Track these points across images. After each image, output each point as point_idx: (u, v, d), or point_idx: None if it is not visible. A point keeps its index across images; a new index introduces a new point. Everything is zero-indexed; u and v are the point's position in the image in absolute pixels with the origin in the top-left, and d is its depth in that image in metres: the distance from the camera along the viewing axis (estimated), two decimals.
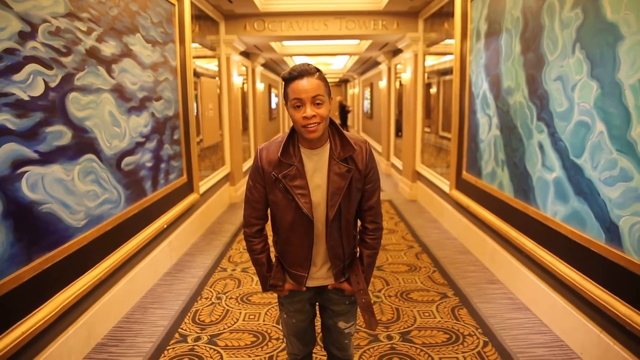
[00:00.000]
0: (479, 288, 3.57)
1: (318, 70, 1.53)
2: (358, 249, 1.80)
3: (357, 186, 1.64)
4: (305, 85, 1.48)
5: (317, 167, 1.60)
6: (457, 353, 2.65)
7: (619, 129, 2.23)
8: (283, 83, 1.56)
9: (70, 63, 2.58)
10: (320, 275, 1.74)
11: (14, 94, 2.13)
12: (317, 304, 1.87)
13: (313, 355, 2.06)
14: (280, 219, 1.67)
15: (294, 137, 1.61)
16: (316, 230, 1.64)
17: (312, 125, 1.50)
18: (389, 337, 2.84)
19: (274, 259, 1.81)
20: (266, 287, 1.78)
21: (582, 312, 2.64)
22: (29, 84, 2.24)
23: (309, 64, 1.53)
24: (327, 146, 1.61)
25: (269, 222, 1.77)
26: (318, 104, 1.49)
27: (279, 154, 1.58)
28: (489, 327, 2.96)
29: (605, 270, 2.41)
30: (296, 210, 1.60)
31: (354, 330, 1.87)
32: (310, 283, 1.74)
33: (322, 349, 2.55)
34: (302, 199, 1.57)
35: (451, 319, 3.07)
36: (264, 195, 1.67)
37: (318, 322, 1.97)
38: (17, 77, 2.16)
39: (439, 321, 3.04)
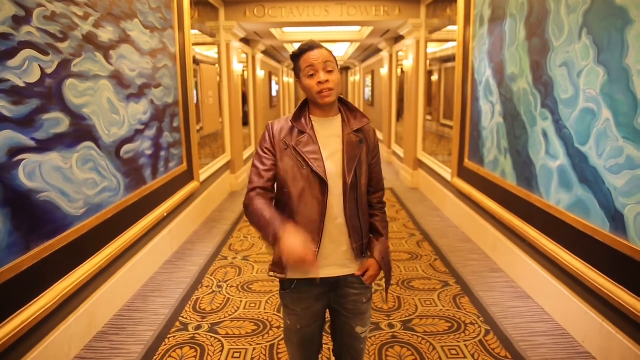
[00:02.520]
0: (481, 276, 3.56)
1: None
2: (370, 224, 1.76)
3: (368, 159, 1.67)
4: (317, 54, 1.56)
5: (330, 134, 1.62)
6: (458, 341, 2.65)
7: (626, 116, 2.19)
8: (293, 63, 1.62)
9: (66, 49, 2.53)
10: (333, 261, 1.61)
11: (9, 80, 2.09)
12: (327, 309, 1.74)
13: None
14: (290, 190, 1.57)
15: (305, 108, 1.65)
16: (330, 198, 1.56)
17: (326, 91, 1.55)
18: (391, 326, 2.83)
19: None
20: (275, 236, 1.42)
21: (584, 300, 2.63)
22: (25, 70, 2.20)
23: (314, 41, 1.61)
24: (339, 117, 1.65)
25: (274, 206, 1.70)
26: (329, 70, 1.55)
27: (290, 122, 1.61)
28: (490, 315, 2.95)
29: (609, 259, 2.39)
30: (308, 178, 1.55)
31: (368, 334, 1.80)
32: (324, 273, 1.60)
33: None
34: (315, 163, 1.56)
35: (453, 308, 3.06)
36: (274, 164, 1.60)
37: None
38: (12, 62, 2.12)
39: (441, 309, 3.04)
